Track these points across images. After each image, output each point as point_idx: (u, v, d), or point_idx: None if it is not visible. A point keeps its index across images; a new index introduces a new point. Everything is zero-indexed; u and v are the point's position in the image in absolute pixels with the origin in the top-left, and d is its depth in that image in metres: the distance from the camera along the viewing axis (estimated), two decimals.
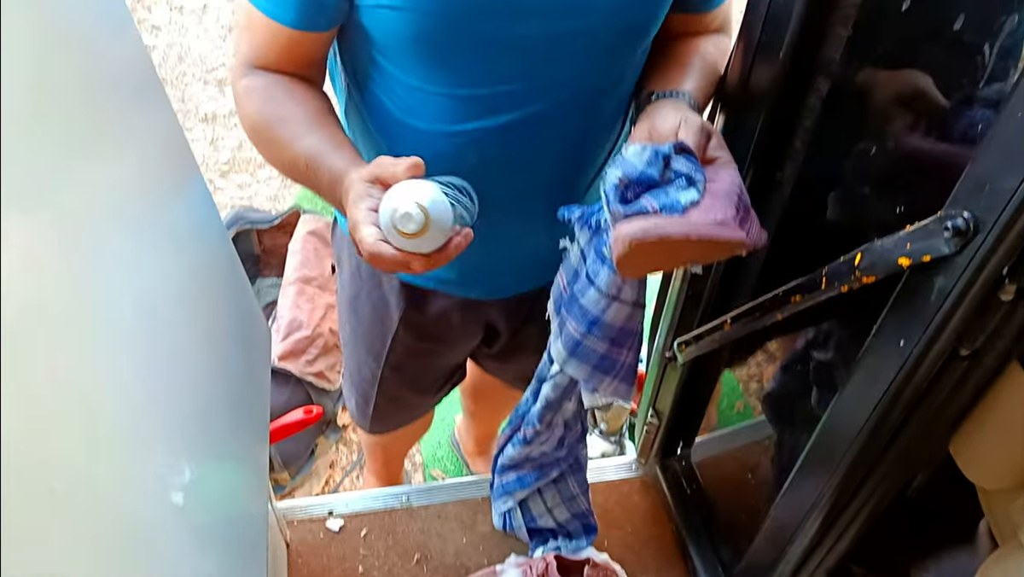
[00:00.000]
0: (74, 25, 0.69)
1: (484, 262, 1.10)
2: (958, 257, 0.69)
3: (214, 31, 3.18)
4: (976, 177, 0.66)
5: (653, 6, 0.92)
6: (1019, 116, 0.60)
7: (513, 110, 0.94)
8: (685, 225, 0.79)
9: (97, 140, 0.72)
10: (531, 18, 0.86)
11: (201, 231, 1.02)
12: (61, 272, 0.61)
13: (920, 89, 0.80)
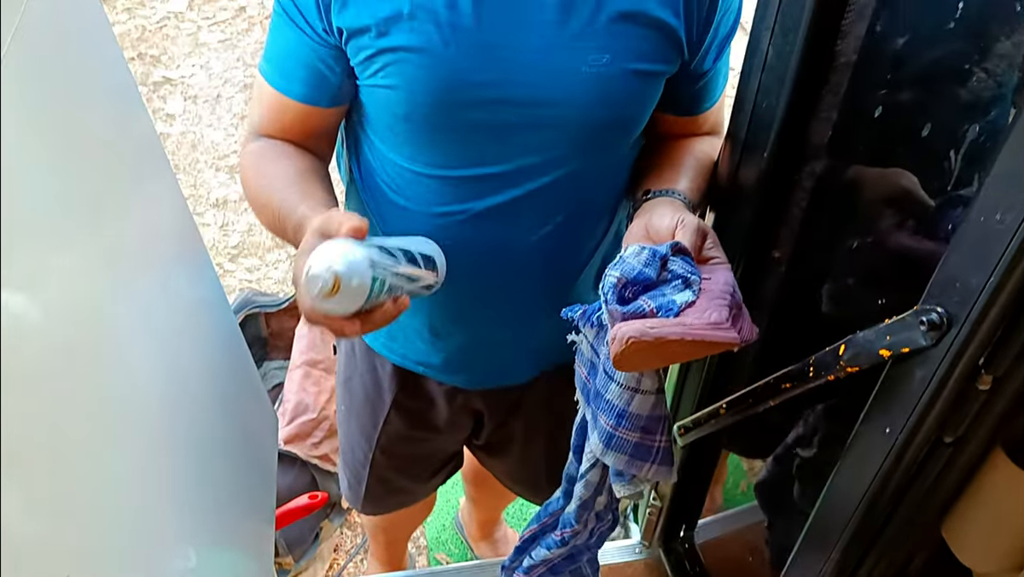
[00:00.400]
0: (92, 120, 0.74)
1: (470, 348, 1.14)
2: (934, 349, 0.72)
3: (227, 119, 3.29)
4: (947, 274, 0.70)
5: (631, 107, 0.97)
6: (981, 220, 0.64)
7: (497, 194, 0.99)
8: (680, 327, 0.82)
9: (109, 227, 0.76)
10: (512, 106, 0.92)
11: (210, 318, 1.06)
12: (70, 358, 0.65)
13: (898, 187, 0.84)
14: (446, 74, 0.90)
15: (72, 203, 0.68)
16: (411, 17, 0.88)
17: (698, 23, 0.94)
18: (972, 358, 0.71)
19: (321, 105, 0.98)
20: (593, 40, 0.91)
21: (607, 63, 0.92)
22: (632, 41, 0.92)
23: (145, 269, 0.86)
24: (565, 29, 0.90)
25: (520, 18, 0.89)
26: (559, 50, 0.91)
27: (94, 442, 0.66)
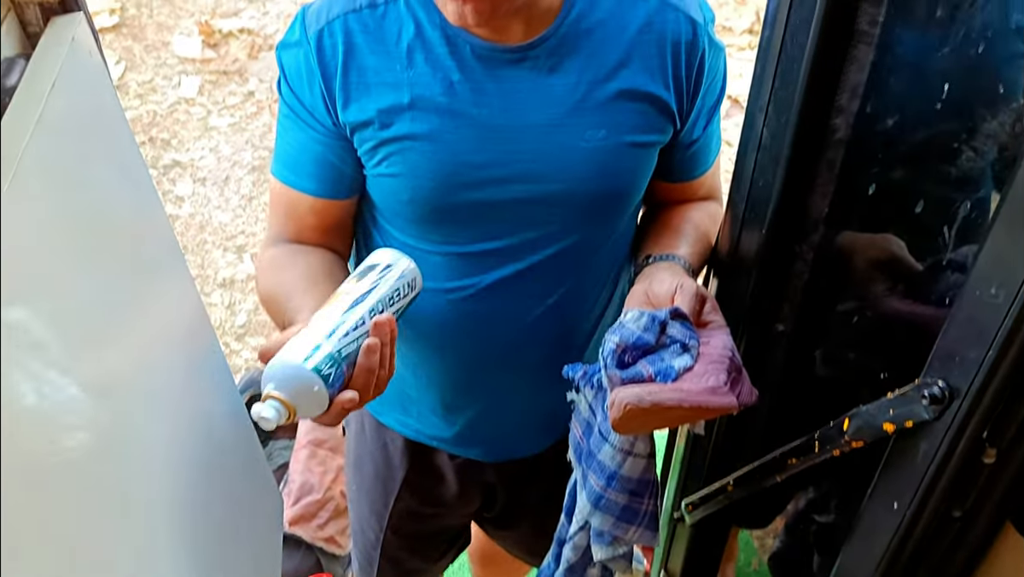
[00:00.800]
0: (109, 213, 0.77)
1: (483, 420, 1.15)
2: (937, 423, 0.72)
3: (235, 200, 3.34)
4: (947, 348, 0.70)
5: (628, 177, 1.01)
6: (977, 294, 0.65)
7: (503, 268, 1.01)
8: (678, 393, 0.83)
9: (124, 316, 0.78)
10: (513, 183, 0.96)
11: (216, 399, 1.07)
12: (82, 438, 0.65)
13: (895, 258, 0.86)
14: (448, 158, 0.93)
15: (91, 298, 0.69)
16: (411, 107, 0.92)
17: (687, 93, 0.99)
18: (975, 431, 0.71)
19: (337, 198, 1.01)
20: (589, 116, 0.95)
21: (604, 137, 0.96)
22: (626, 115, 0.96)
23: (155, 353, 0.87)
24: (562, 107, 0.94)
25: (517, 99, 0.93)
26: (557, 127, 0.94)
27: (99, 525, 0.66)
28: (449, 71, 0.92)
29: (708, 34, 0.99)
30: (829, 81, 0.82)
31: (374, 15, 0.92)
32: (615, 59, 0.95)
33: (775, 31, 0.83)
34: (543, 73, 0.93)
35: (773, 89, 0.86)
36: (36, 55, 0.65)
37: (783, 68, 0.83)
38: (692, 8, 0.98)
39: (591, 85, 0.94)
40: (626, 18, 0.95)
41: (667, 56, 0.96)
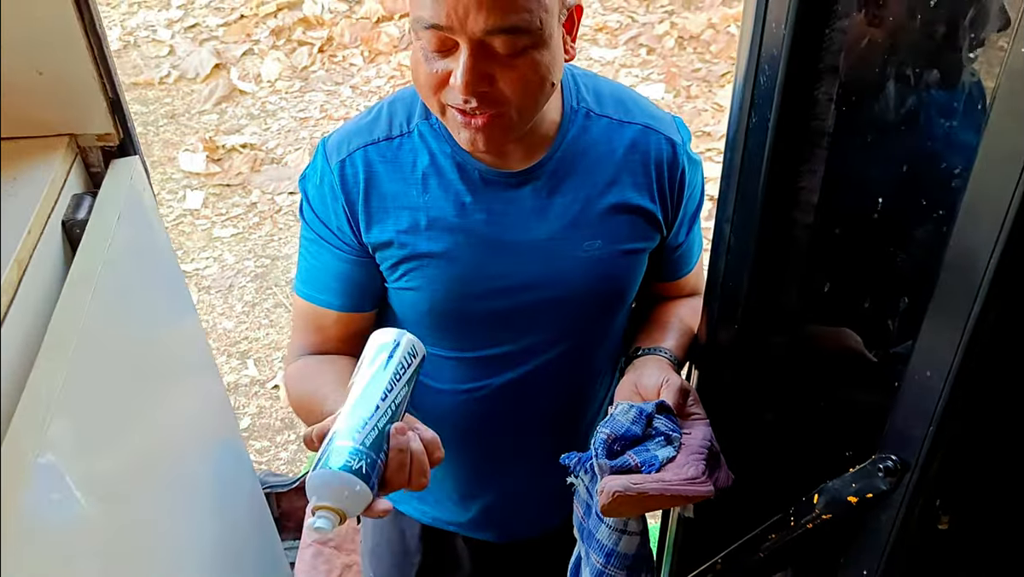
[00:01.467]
0: (156, 319, 0.87)
1: (497, 506, 1.23)
2: (894, 494, 0.81)
3: (238, 308, 3.45)
4: (896, 425, 0.80)
5: (622, 281, 1.12)
6: (916, 377, 0.75)
7: (512, 370, 1.11)
8: (660, 483, 0.93)
9: (167, 416, 0.87)
10: (519, 293, 1.06)
11: (239, 489, 1.15)
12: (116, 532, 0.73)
13: (852, 350, 0.96)
14: (462, 273, 1.04)
15: (131, 404, 0.79)
16: (428, 228, 1.03)
17: (670, 205, 1.11)
18: (929, 500, 0.80)
19: (361, 311, 1.10)
20: (587, 229, 1.07)
21: (600, 247, 1.08)
22: (619, 227, 1.08)
23: (187, 455, 0.96)
24: (561, 222, 1.06)
25: (521, 218, 1.05)
26: (558, 240, 1.06)
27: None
28: (460, 195, 1.03)
29: (686, 152, 1.12)
30: (784, 196, 0.94)
31: (391, 146, 1.04)
32: (607, 178, 1.07)
33: (735, 154, 0.96)
34: (543, 194, 1.05)
35: (736, 203, 0.98)
36: (102, 193, 0.77)
37: (743, 186, 0.95)
38: (671, 130, 1.12)
39: (587, 202, 1.06)
40: (614, 142, 1.08)
41: (652, 173, 1.09)
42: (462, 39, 0.88)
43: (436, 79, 0.92)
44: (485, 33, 0.87)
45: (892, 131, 0.82)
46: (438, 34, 0.89)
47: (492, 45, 0.89)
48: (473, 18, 0.86)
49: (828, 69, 0.87)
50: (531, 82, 0.93)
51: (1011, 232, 0.63)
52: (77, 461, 0.64)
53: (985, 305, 0.68)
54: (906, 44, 0.78)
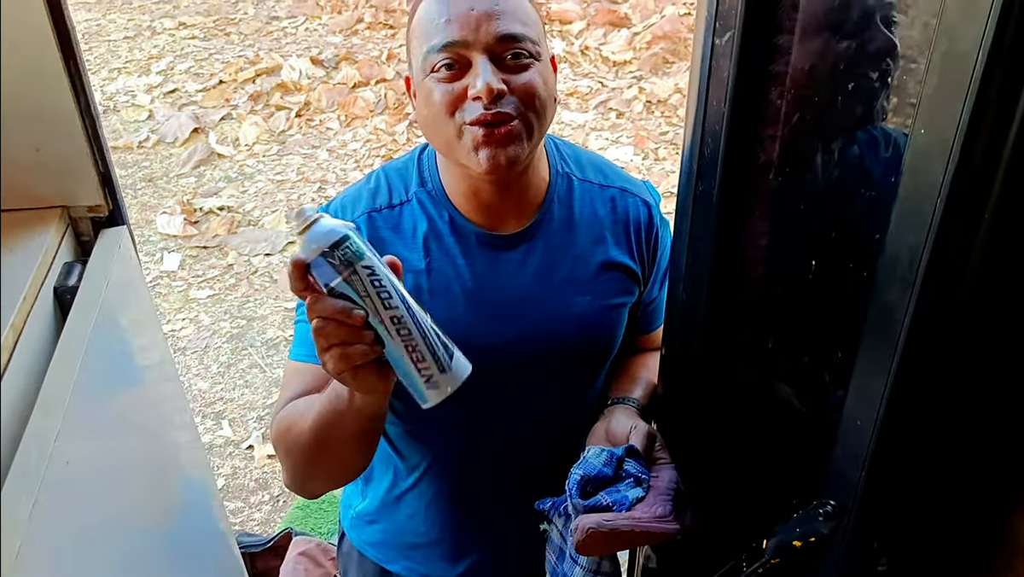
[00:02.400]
0: (141, 382, 0.92)
1: (487, 560, 1.28)
2: (834, 537, 0.87)
3: (213, 368, 3.48)
4: (832, 470, 0.86)
5: (610, 333, 1.20)
6: (847, 424, 0.82)
7: (505, 424, 1.18)
8: (630, 520, 0.98)
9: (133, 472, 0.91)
10: (514, 347, 1.13)
11: (216, 548, 1.18)
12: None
13: (787, 403, 1.03)
14: (461, 329, 1.04)
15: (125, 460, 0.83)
16: (430, 288, 1.09)
17: (647, 262, 1.21)
18: (866, 541, 0.86)
19: None
20: (578, 286, 1.16)
21: (589, 303, 1.17)
22: (606, 283, 1.18)
23: (168, 507, 1.00)
24: (552, 281, 1.15)
25: (515, 278, 1.14)
26: (550, 298, 1.15)
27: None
28: (458, 257, 1.11)
29: (659, 214, 1.23)
30: (729, 259, 1.01)
31: (392, 213, 1.12)
32: (593, 237, 1.17)
33: (684, 219, 1.03)
34: (536, 254, 1.14)
35: (687, 265, 1.05)
36: (92, 261, 0.82)
37: (692, 249, 1.02)
38: (645, 193, 1.24)
39: (576, 260, 1.16)
40: (596, 204, 1.19)
41: (631, 232, 1.20)
42: (476, 50, 1.00)
43: (453, 97, 1.01)
44: (496, 40, 1.00)
45: (821, 200, 0.90)
46: (452, 51, 1.00)
47: (501, 55, 1.01)
48: (485, 28, 0.99)
49: (766, 139, 0.95)
50: (538, 90, 1.03)
51: (920, 293, 0.71)
52: (66, 518, 0.68)
53: (903, 358, 0.74)
54: (830, 122, 0.87)
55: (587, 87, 5.44)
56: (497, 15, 1.00)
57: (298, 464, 1.06)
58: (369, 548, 1.34)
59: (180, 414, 1.05)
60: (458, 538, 1.28)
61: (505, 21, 1.01)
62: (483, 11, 1.00)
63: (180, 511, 1.03)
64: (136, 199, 4.57)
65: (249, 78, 5.55)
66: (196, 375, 3.45)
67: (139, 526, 0.87)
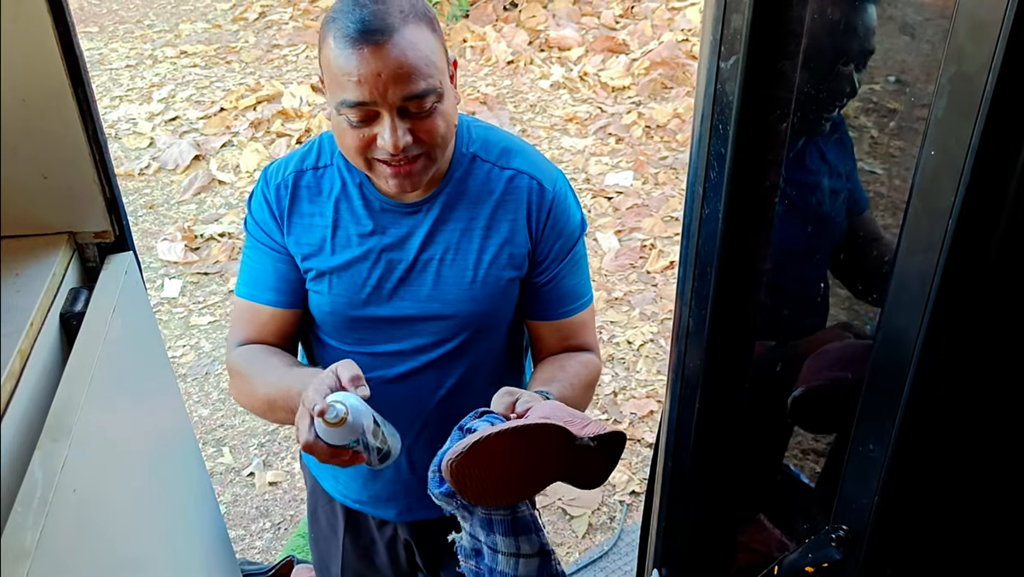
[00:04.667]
0: (146, 403, 0.91)
1: (393, 483, 1.41)
2: (847, 562, 0.86)
3: (214, 395, 3.46)
4: (845, 497, 0.85)
5: (498, 301, 1.34)
6: (860, 449, 0.81)
7: (403, 364, 1.33)
8: (490, 429, 0.96)
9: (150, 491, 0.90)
10: (407, 303, 1.30)
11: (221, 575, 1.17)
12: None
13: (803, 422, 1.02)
14: (358, 283, 1.28)
15: (131, 485, 0.83)
16: (333, 243, 1.26)
17: (538, 240, 1.32)
18: (878, 566, 0.85)
19: (292, 308, 1.31)
20: (468, 256, 1.30)
21: (482, 270, 1.30)
22: (493, 255, 1.31)
23: (174, 534, 0.99)
24: (446, 247, 1.30)
25: (413, 242, 1.31)
26: (443, 262, 1.31)
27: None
28: (362, 218, 1.27)
29: (559, 200, 1.32)
30: (735, 282, 1.01)
31: (315, 175, 1.29)
32: (486, 213, 1.30)
33: (691, 241, 1.03)
34: (429, 223, 1.28)
35: (692, 289, 1.05)
36: (98, 287, 0.82)
37: (699, 272, 1.02)
38: (546, 178, 1.32)
39: (469, 232, 1.29)
40: (492, 183, 1.31)
41: (522, 211, 1.31)
42: (383, 109, 1.12)
43: (363, 142, 1.16)
44: (402, 100, 1.12)
45: (828, 223, 0.90)
46: (362, 109, 1.13)
47: (408, 108, 1.14)
48: (392, 91, 1.11)
49: (772, 162, 0.95)
50: (440, 128, 1.17)
51: (932, 316, 0.70)
52: (73, 546, 0.67)
53: (915, 381, 0.74)
54: (835, 144, 0.87)
55: (586, 112, 5.47)
56: (403, 78, 1.11)
57: (244, 404, 1.29)
58: (309, 463, 1.55)
59: (185, 439, 1.05)
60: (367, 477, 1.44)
61: (410, 82, 1.11)
62: (389, 76, 1.10)
63: (187, 540, 1.03)
64: (137, 226, 4.57)
65: (250, 105, 5.58)
66: (197, 401, 3.43)
67: (147, 555, 0.86)
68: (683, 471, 1.17)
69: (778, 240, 0.98)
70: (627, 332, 3.61)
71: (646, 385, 3.36)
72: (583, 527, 2.77)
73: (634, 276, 3.91)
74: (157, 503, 0.92)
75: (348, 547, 1.56)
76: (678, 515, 1.16)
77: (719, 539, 1.19)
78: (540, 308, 1.38)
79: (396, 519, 1.50)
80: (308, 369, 1.23)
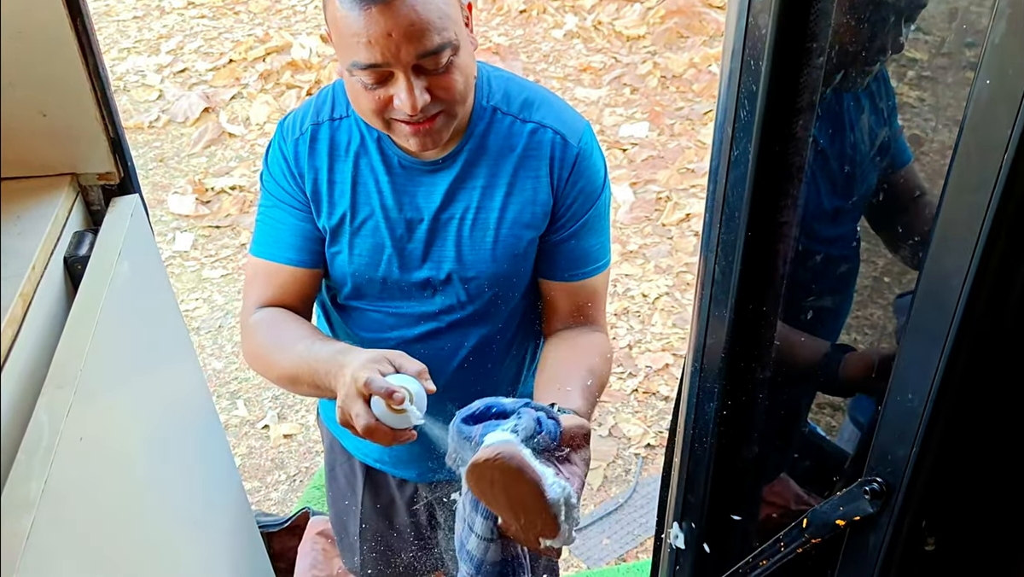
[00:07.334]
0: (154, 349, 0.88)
1: (412, 448, 1.33)
2: (881, 516, 0.83)
3: (227, 348, 3.46)
4: (880, 448, 0.82)
5: (519, 260, 1.28)
6: (898, 399, 0.78)
7: (423, 325, 1.30)
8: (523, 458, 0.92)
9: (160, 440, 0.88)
10: (426, 264, 1.26)
11: (237, 527, 1.16)
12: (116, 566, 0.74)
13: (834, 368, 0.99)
14: (377, 242, 1.25)
15: (140, 434, 0.80)
16: (353, 200, 1.22)
17: (558, 195, 1.27)
18: (914, 521, 0.82)
19: (315, 267, 1.27)
20: (491, 213, 1.26)
21: (503, 229, 1.26)
22: (517, 213, 1.26)
23: (187, 485, 0.97)
24: (468, 205, 1.25)
25: (431, 199, 1.27)
26: (463, 221, 1.27)
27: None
28: (380, 175, 1.23)
29: (584, 155, 1.26)
30: (765, 226, 0.97)
31: (332, 126, 1.24)
32: (510, 169, 1.25)
33: (718, 186, 0.99)
34: (454, 178, 1.23)
35: (719, 234, 1.01)
36: (103, 230, 0.79)
37: (726, 218, 0.98)
38: (570, 132, 1.26)
39: (492, 189, 1.24)
40: (514, 137, 1.26)
41: (543, 167, 1.26)
42: (397, 69, 1.07)
43: (379, 104, 1.11)
44: (417, 58, 1.06)
45: (866, 163, 0.86)
46: (375, 71, 1.07)
47: (423, 66, 1.08)
48: (405, 51, 1.05)
49: (807, 103, 0.90)
50: (458, 83, 1.12)
51: (982, 258, 0.66)
52: (80, 495, 0.65)
53: (960, 328, 0.70)
54: (878, 79, 0.82)
55: (600, 62, 5.37)
56: (415, 35, 1.05)
57: (259, 371, 1.23)
58: (328, 422, 1.54)
59: (197, 388, 1.02)
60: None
61: (423, 39, 1.06)
62: (401, 34, 1.04)
63: (200, 489, 1.01)
64: (147, 179, 4.54)
65: (259, 57, 5.50)
66: (211, 355, 3.43)
67: (160, 506, 0.84)
68: (706, 422, 1.14)
69: (811, 185, 0.94)
70: (642, 285, 3.57)
71: (661, 339, 3.33)
72: (598, 480, 2.77)
73: (649, 229, 3.86)
74: (170, 453, 0.90)
75: (367, 505, 1.54)
76: (700, 468, 1.14)
77: (742, 492, 1.17)
78: (553, 267, 1.34)
79: (417, 479, 1.48)
80: (337, 344, 1.18)
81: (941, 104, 0.79)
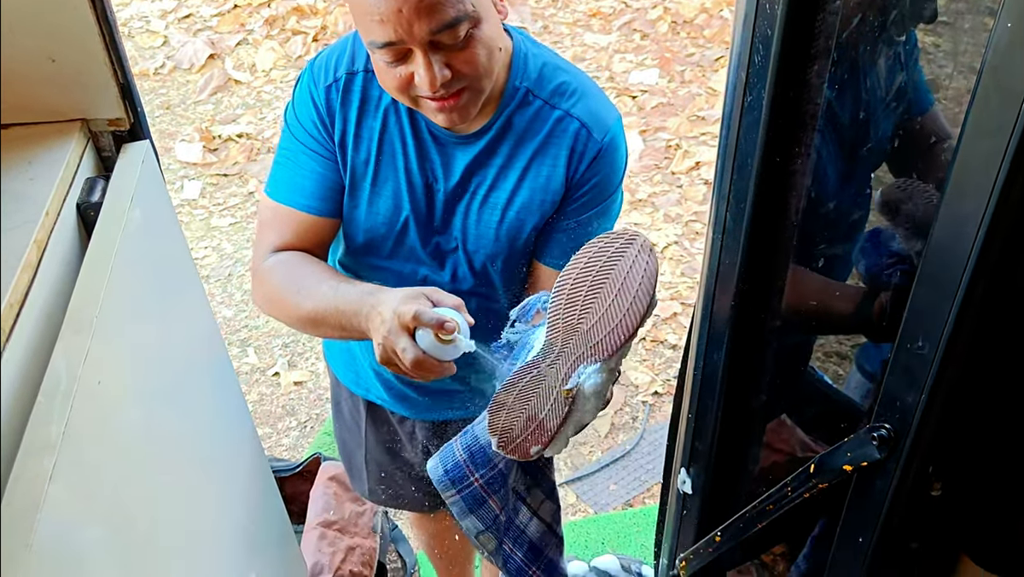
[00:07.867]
0: (168, 296, 0.89)
1: (407, 386, 1.42)
2: (888, 461, 0.84)
3: (237, 296, 3.47)
4: (888, 394, 0.82)
5: (525, 243, 1.28)
6: (908, 347, 0.78)
7: (432, 282, 1.29)
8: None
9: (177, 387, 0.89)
10: (437, 233, 1.27)
11: (252, 472, 1.17)
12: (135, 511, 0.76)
13: (843, 315, 0.99)
14: (395, 203, 1.24)
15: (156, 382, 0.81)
16: (377, 157, 1.21)
17: (570, 185, 1.26)
18: (921, 466, 0.83)
19: (335, 217, 1.25)
20: (505, 194, 1.25)
21: (513, 210, 1.26)
22: (531, 196, 1.25)
23: (203, 431, 0.98)
24: (485, 183, 1.26)
25: (454, 173, 1.26)
26: (478, 198, 1.27)
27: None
28: (408, 137, 1.21)
29: (605, 151, 1.24)
30: (778, 175, 0.96)
31: (365, 78, 1.20)
32: (529, 153, 1.24)
33: (731, 132, 0.98)
34: (475, 156, 1.23)
35: (731, 181, 1.00)
36: (115, 177, 0.79)
37: (738, 164, 0.97)
38: (596, 125, 1.24)
39: (507, 171, 1.24)
40: (541, 122, 1.24)
41: (563, 156, 1.24)
42: (413, 45, 1.04)
43: (402, 81, 1.09)
44: (432, 34, 1.03)
45: (882, 109, 0.85)
46: (392, 49, 1.05)
47: (441, 41, 1.05)
48: (417, 27, 1.02)
49: (825, 46, 0.89)
50: (481, 56, 1.09)
51: (997, 204, 0.66)
52: (99, 439, 0.66)
53: (974, 275, 0.70)
54: (896, 23, 0.81)
55: (610, 7, 5.28)
56: (426, 9, 1.01)
57: (275, 314, 1.23)
58: (330, 359, 1.57)
59: (210, 334, 1.03)
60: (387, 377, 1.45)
61: (436, 12, 1.01)
62: (411, 10, 1.00)
63: (214, 432, 1.02)
64: (154, 126, 4.51)
65: (264, 2, 5.42)
66: (220, 303, 3.45)
67: (177, 449, 0.85)
68: (715, 370, 1.14)
69: (825, 132, 0.93)
70: (651, 234, 3.56)
71: (670, 287, 3.33)
72: (605, 427, 2.79)
73: (658, 177, 3.84)
74: (185, 397, 0.91)
75: (371, 438, 1.58)
76: (708, 415, 1.15)
77: (749, 439, 1.18)
78: (545, 250, 1.32)
79: (414, 416, 1.51)
80: (364, 285, 1.17)
81: (959, 49, 0.78)
